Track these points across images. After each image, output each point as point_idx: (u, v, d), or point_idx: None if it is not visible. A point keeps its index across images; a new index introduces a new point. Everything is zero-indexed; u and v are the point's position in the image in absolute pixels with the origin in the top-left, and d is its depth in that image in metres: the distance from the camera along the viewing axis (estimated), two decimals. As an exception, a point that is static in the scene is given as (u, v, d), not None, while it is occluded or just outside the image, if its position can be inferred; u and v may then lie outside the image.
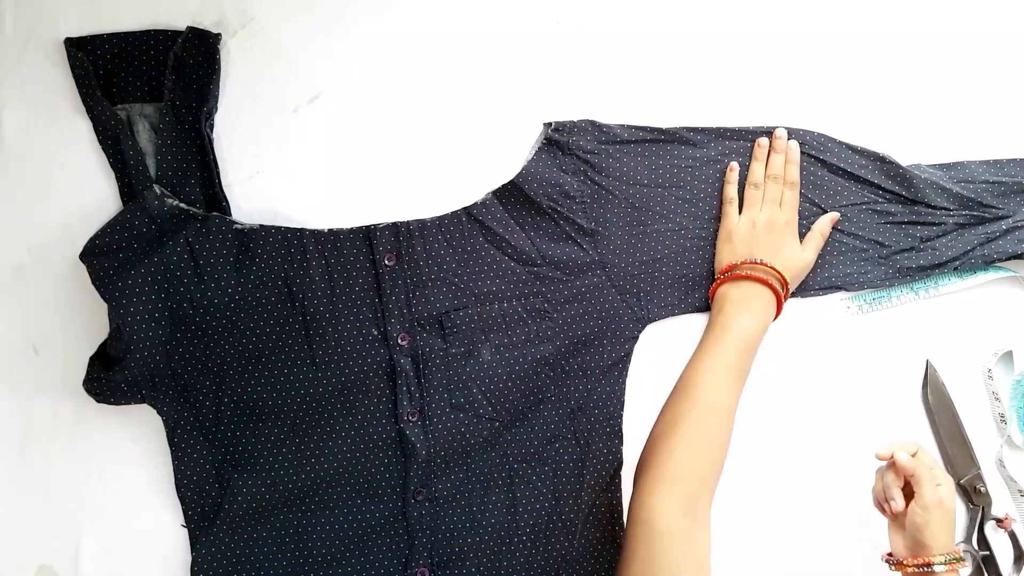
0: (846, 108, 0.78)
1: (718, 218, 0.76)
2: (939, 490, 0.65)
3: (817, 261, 0.76)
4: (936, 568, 0.64)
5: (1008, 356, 0.79)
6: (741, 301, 0.72)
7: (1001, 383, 0.78)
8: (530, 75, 0.77)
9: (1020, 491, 0.78)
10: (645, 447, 0.68)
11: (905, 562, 0.66)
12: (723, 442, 0.67)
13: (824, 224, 0.75)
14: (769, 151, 0.75)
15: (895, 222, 0.76)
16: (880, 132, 0.77)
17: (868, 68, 0.78)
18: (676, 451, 0.65)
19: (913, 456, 0.66)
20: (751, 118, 0.77)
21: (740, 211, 0.75)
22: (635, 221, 0.76)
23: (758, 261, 0.72)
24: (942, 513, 0.65)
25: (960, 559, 0.65)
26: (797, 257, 0.74)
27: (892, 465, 0.67)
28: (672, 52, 0.78)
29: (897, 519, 0.67)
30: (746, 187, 0.75)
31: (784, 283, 0.72)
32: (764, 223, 0.73)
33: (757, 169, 0.75)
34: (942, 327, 0.79)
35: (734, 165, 0.76)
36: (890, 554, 0.67)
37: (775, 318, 0.73)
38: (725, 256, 0.74)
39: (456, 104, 0.76)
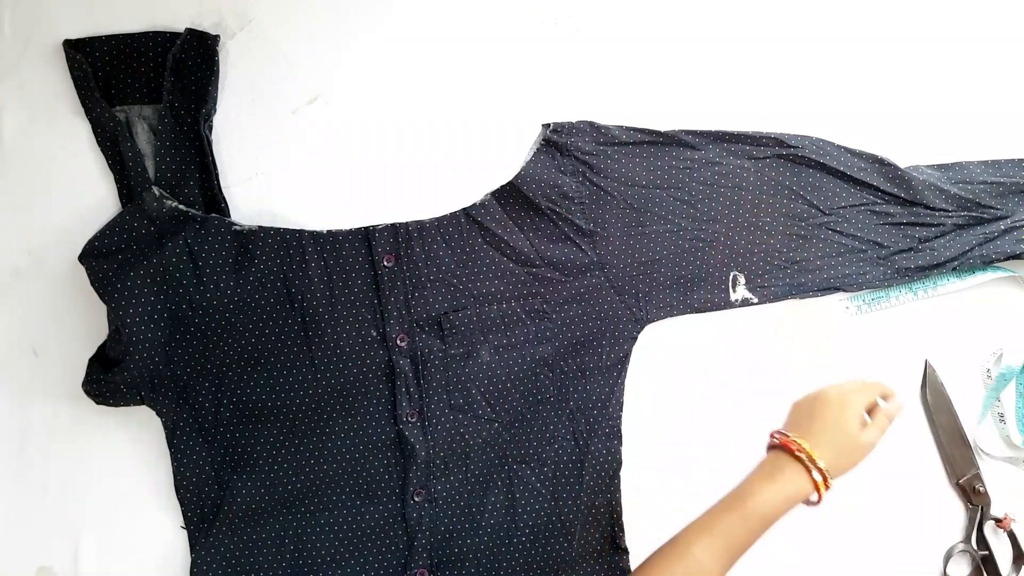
0: (845, 110, 0.78)
1: (716, 219, 0.76)
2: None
3: (815, 262, 0.77)
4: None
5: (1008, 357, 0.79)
6: (770, 471, 0.64)
7: (1000, 383, 0.78)
8: (529, 76, 0.77)
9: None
10: None
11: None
12: None
13: (893, 409, 0.68)
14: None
15: (894, 223, 0.76)
16: (879, 133, 0.77)
17: (866, 70, 0.79)
18: None
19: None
20: (749, 121, 0.77)
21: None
22: (633, 222, 0.76)
23: (800, 447, 0.64)
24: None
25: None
26: (852, 452, 0.65)
27: None
28: (671, 54, 0.78)
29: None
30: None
31: (821, 473, 0.63)
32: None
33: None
34: (941, 327, 0.79)
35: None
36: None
37: (816, 502, 0.65)
38: (788, 422, 0.68)
39: (455, 105, 0.76)
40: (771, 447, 0.66)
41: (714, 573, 0.62)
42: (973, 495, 0.78)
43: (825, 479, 0.63)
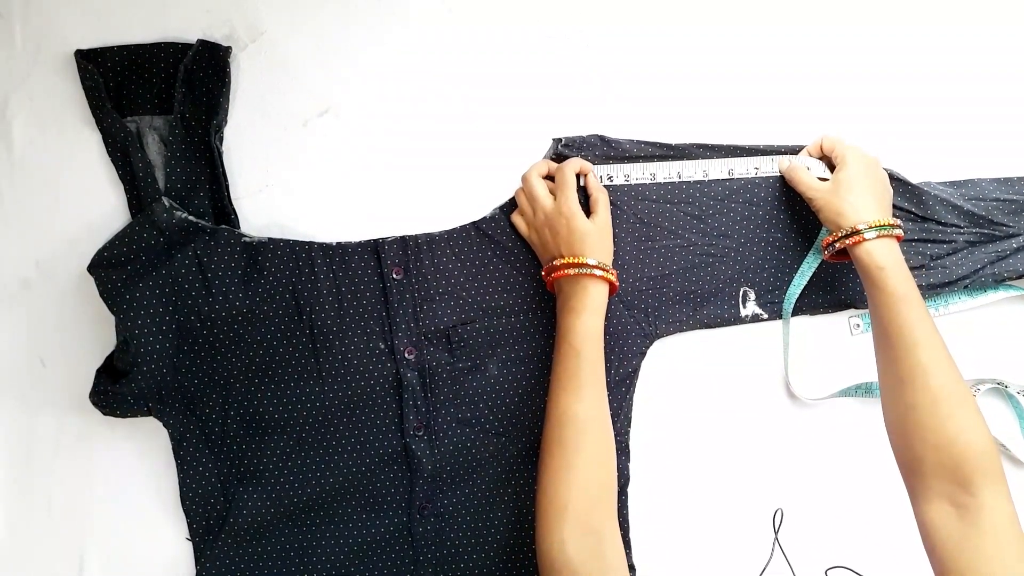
0: (857, 125, 0.78)
1: (726, 234, 0.76)
2: (860, 152, 0.69)
3: (826, 278, 0.76)
4: (867, 235, 0.65)
5: (992, 391, 0.79)
6: (562, 302, 0.68)
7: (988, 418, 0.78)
8: (539, 90, 0.77)
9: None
10: (538, 477, 0.64)
11: (833, 236, 0.68)
12: (598, 456, 0.63)
13: (590, 182, 0.72)
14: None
15: (905, 240, 0.76)
16: (891, 148, 0.77)
17: (879, 85, 0.78)
18: (552, 487, 0.61)
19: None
20: (760, 135, 0.77)
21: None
22: (643, 236, 0.75)
23: (552, 265, 0.69)
24: (866, 173, 0.68)
25: (895, 225, 0.66)
26: (586, 228, 0.68)
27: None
28: (681, 67, 0.78)
29: (815, 189, 0.70)
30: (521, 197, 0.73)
31: (585, 266, 0.68)
32: (547, 236, 0.70)
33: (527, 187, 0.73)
34: (952, 345, 0.78)
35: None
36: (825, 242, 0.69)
37: (610, 295, 0.70)
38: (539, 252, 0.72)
39: (465, 118, 0.76)
40: (550, 284, 0.71)
41: (592, 415, 0.64)
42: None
43: (607, 271, 0.68)
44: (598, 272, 0.67)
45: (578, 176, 0.72)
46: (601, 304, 0.68)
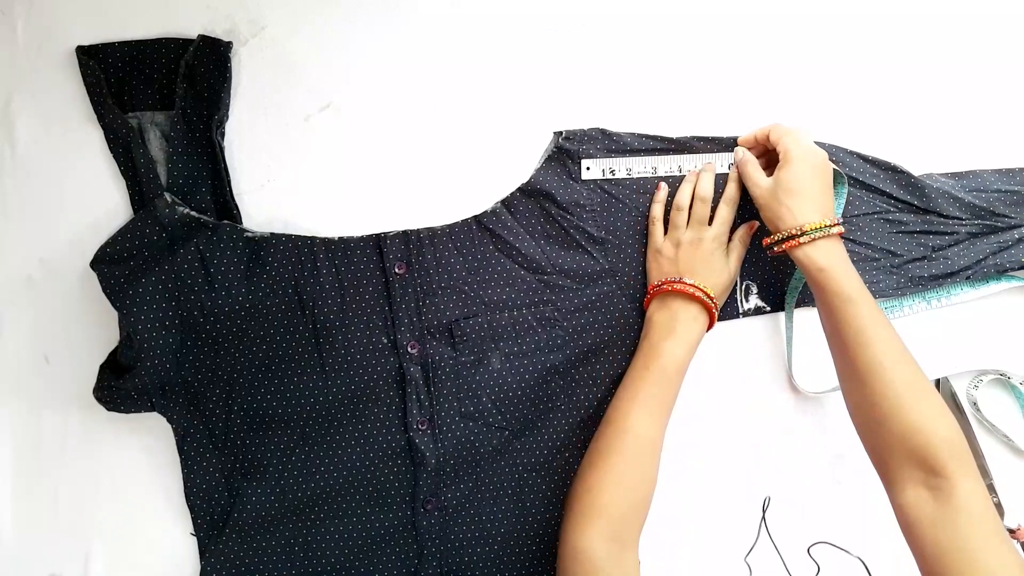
0: (859, 117, 0.78)
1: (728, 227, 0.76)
2: (805, 149, 0.67)
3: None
4: (802, 240, 0.66)
5: (995, 382, 0.79)
6: (667, 325, 0.70)
7: (991, 411, 0.78)
8: (540, 84, 0.77)
9: (1005, 436, 0.78)
10: (578, 474, 0.68)
11: (771, 239, 0.68)
12: (648, 474, 0.66)
13: (743, 233, 0.74)
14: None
15: (907, 231, 0.76)
16: (893, 140, 0.77)
17: (881, 77, 0.78)
18: (596, 487, 0.64)
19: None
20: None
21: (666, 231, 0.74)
22: (645, 230, 0.75)
23: (680, 280, 0.70)
24: (812, 174, 0.67)
25: (833, 224, 0.66)
26: (722, 271, 0.71)
27: (755, 146, 0.72)
28: (683, 61, 0.77)
29: (758, 187, 0.69)
30: (672, 210, 0.74)
31: (710, 297, 0.70)
32: (688, 241, 0.72)
33: (685, 190, 0.74)
34: (954, 337, 0.78)
35: (662, 185, 0.75)
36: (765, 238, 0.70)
37: (708, 329, 0.72)
38: (652, 275, 0.74)
39: (466, 112, 0.76)
40: (657, 294, 0.71)
41: (655, 437, 0.67)
42: (987, 505, 0.77)
43: (715, 301, 0.70)
44: (714, 309, 0.70)
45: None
46: (698, 339, 0.70)
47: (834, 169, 0.74)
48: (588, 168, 0.75)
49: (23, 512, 0.75)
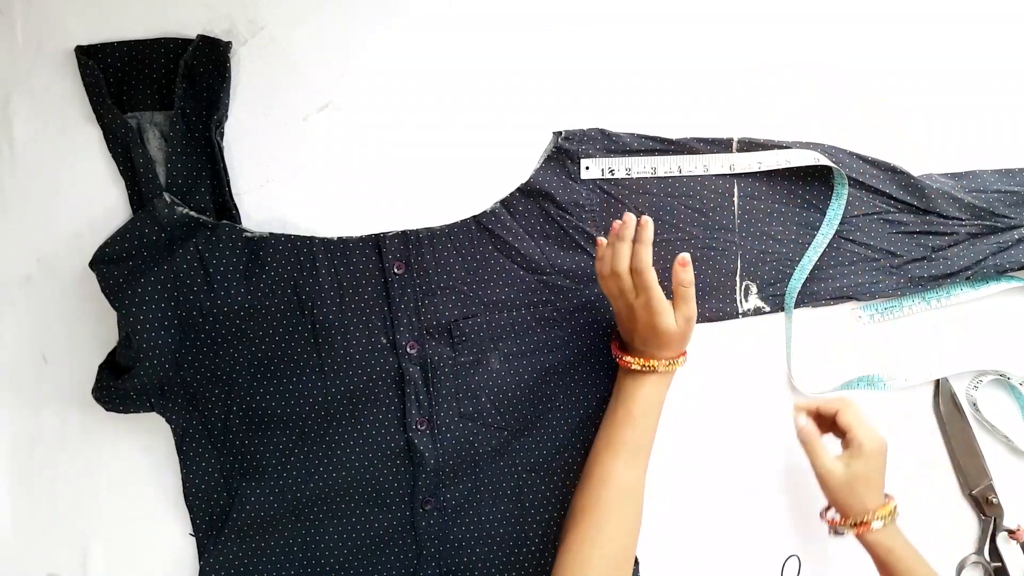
0: (858, 118, 0.78)
1: (728, 228, 0.76)
2: (877, 440, 0.67)
3: (828, 271, 0.76)
4: (874, 525, 0.67)
5: (994, 382, 0.79)
6: (632, 373, 0.69)
7: (990, 411, 0.78)
8: (540, 84, 0.77)
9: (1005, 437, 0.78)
10: (563, 533, 0.68)
11: (842, 522, 0.68)
12: (629, 526, 0.66)
13: (681, 276, 0.66)
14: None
15: (907, 232, 0.76)
16: (892, 141, 0.77)
17: (880, 77, 0.78)
18: (577, 550, 0.65)
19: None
20: (761, 129, 0.77)
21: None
22: (644, 231, 0.75)
23: (624, 357, 0.69)
24: (880, 464, 0.67)
25: (892, 510, 0.67)
26: (670, 331, 0.66)
27: (816, 416, 0.70)
28: (683, 61, 0.77)
29: (828, 473, 0.68)
30: (601, 283, 0.69)
31: (672, 359, 0.68)
32: (627, 311, 0.68)
33: (605, 263, 0.68)
34: (954, 337, 0.78)
35: (601, 241, 0.69)
36: (827, 508, 0.69)
37: (682, 364, 0.69)
38: (618, 328, 0.71)
39: (465, 112, 0.76)
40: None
41: (637, 484, 0.67)
42: (986, 506, 0.77)
43: (671, 362, 0.68)
44: (665, 371, 0.69)
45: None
46: (669, 380, 0.70)
47: (834, 169, 0.74)
48: (587, 168, 0.74)
49: (21, 512, 0.75)
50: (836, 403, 0.70)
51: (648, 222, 0.67)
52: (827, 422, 0.70)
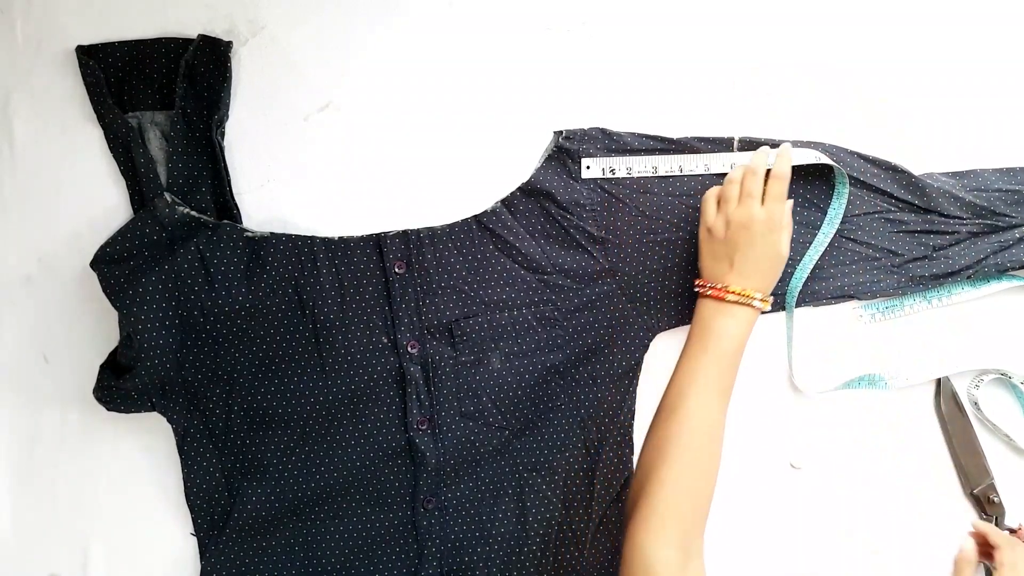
0: (859, 117, 0.77)
1: (728, 226, 0.76)
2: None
3: (829, 270, 0.76)
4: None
5: (995, 381, 0.79)
6: (719, 307, 0.68)
7: (992, 410, 0.78)
8: (540, 83, 0.77)
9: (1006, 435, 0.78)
10: (636, 475, 0.66)
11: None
12: (715, 465, 0.64)
13: (789, 211, 0.69)
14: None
15: (908, 231, 0.76)
16: (893, 140, 0.77)
17: (881, 77, 0.78)
18: (667, 482, 0.62)
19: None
20: (762, 128, 0.77)
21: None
22: (645, 229, 0.75)
23: (724, 288, 0.67)
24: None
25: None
26: (772, 256, 0.68)
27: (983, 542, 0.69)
28: (683, 61, 0.77)
29: None
30: (725, 183, 0.70)
31: (758, 299, 0.67)
32: (739, 222, 0.68)
33: (739, 169, 0.70)
34: (955, 336, 0.78)
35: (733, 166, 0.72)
36: None
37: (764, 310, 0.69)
38: (704, 260, 0.70)
39: (466, 112, 0.76)
40: (702, 296, 0.69)
41: (720, 422, 0.64)
42: (987, 505, 0.77)
43: (765, 299, 0.67)
44: (760, 307, 0.68)
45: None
46: (754, 319, 0.68)
47: (835, 168, 0.74)
48: (588, 167, 0.74)
49: (22, 512, 0.75)
50: (1003, 541, 0.68)
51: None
52: (988, 552, 0.69)
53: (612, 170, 0.75)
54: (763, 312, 0.68)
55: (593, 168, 0.75)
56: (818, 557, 0.77)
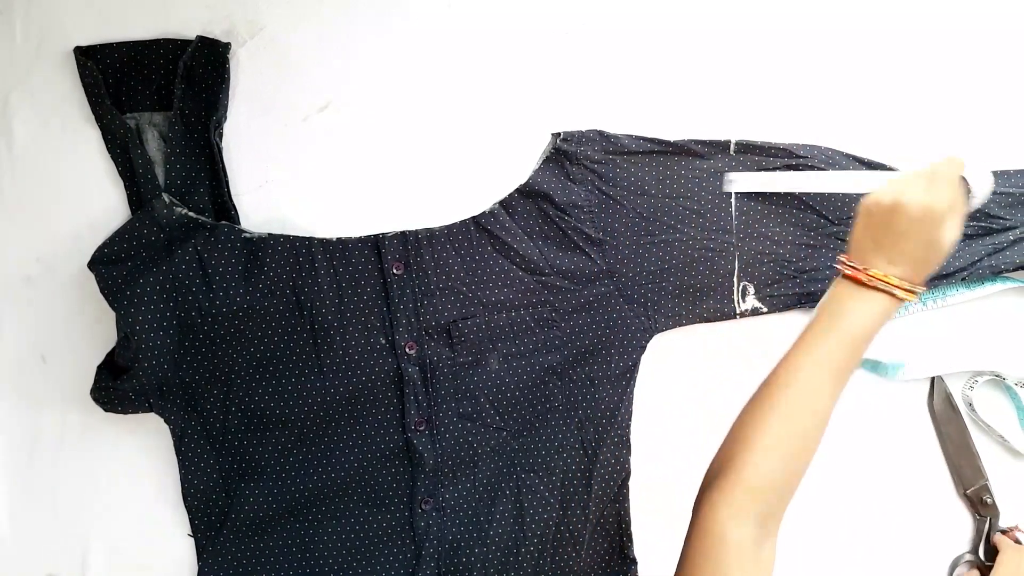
0: (854, 120, 0.78)
1: (726, 229, 0.76)
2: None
3: (825, 272, 0.76)
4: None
5: (990, 382, 0.79)
6: (856, 289, 0.60)
7: (986, 411, 0.78)
8: (539, 85, 0.77)
9: (1000, 436, 0.78)
10: (724, 446, 0.60)
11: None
12: (813, 449, 0.58)
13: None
14: None
15: (903, 233, 0.76)
16: (888, 143, 0.77)
17: (877, 80, 0.79)
18: (759, 457, 0.56)
19: None
20: (759, 131, 0.77)
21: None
22: (643, 231, 0.76)
23: (866, 271, 0.60)
24: None
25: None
26: (944, 242, 0.59)
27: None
28: (681, 63, 0.78)
29: None
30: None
31: (912, 286, 0.60)
32: (905, 208, 0.59)
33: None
34: (950, 338, 0.79)
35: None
36: None
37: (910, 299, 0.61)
38: (857, 231, 0.61)
39: (464, 113, 0.76)
40: (846, 264, 0.61)
41: (829, 408, 0.58)
42: (981, 506, 0.78)
43: (910, 290, 0.59)
44: (902, 297, 0.60)
45: None
46: (894, 308, 0.60)
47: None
48: (732, 180, 0.74)
49: (20, 512, 0.75)
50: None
51: None
52: None
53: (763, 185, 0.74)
54: (908, 303, 0.60)
55: (738, 182, 0.74)
56: (813, 557, 0.77)
